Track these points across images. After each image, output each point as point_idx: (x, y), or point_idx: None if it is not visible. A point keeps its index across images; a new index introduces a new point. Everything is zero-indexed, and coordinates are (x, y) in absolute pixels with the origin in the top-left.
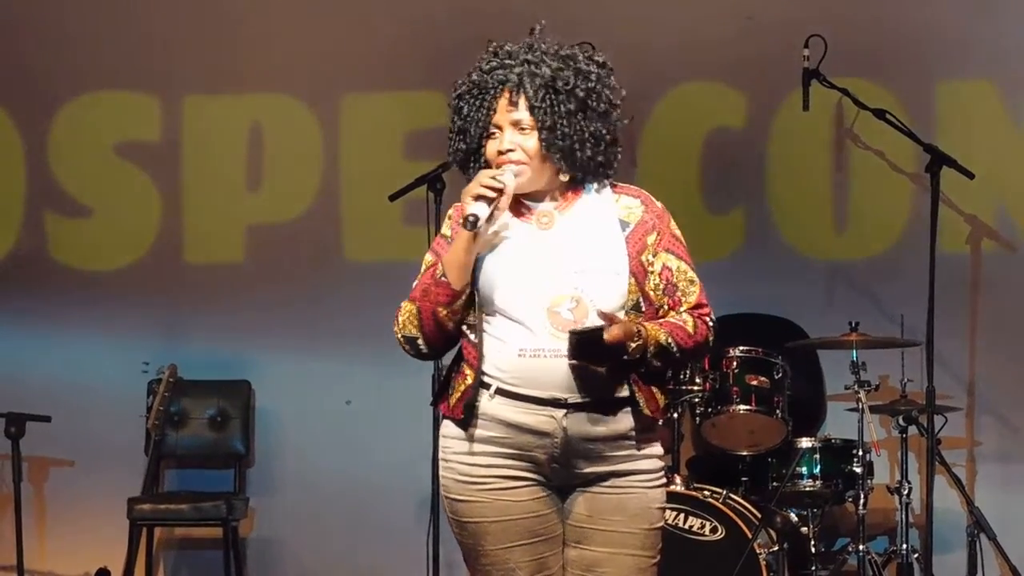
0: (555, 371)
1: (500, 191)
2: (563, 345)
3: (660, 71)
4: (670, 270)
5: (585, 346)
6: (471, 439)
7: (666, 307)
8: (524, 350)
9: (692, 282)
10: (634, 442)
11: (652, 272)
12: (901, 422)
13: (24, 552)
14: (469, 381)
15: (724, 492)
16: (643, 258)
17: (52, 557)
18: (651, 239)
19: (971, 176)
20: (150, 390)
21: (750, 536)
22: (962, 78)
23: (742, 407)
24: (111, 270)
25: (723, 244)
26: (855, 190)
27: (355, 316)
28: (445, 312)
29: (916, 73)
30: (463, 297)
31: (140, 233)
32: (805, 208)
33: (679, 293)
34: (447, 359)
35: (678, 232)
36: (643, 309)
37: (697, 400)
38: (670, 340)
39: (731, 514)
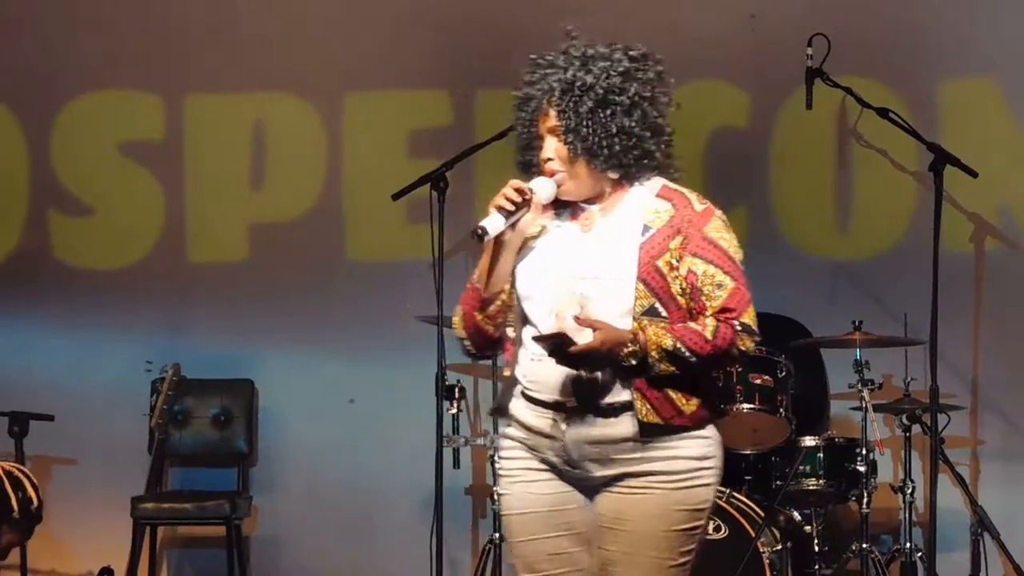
0: (556, 375)
1: (524, 202)
2: None
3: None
4: (695, 274)
5: (560, 352)
6: (507, 437)
7: (695, 311)
8: (535, 354)
9: (719, 286)
10: (642, 444)
11: (678, 276)
12: (905, 421)
13: (27, 551)
14: (510, 383)
15: (728, 491)
16: (659, 263)
17: (55, 556)
18: (675, 243)
19: (974, 175)
20: (153, 389)
21: (754, 535)
22: (965, 76)
23: (746, 406)
24: (114, 269)
25: None
26: (858, 189)
27: (358, 315)
28: (480, 317)
29: (919, 71)
30: (495, 303)
31: (143, 232)
32: (808, 207)
33: (704, 297)
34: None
35: (715, 235)
36: (663, 314)
37: None
38: (679, 345)
39: (735, 513)
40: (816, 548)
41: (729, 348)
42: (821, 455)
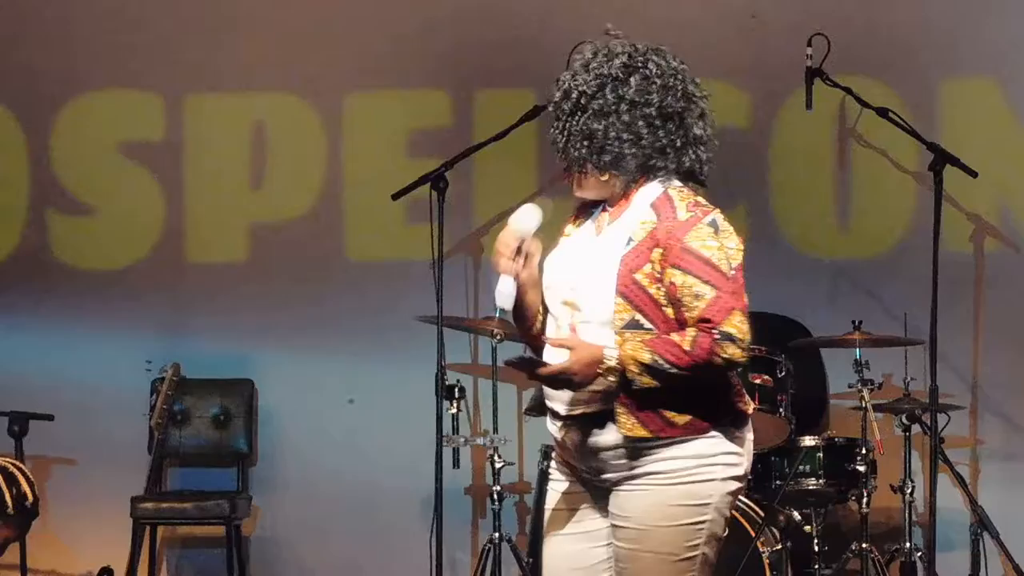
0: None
1: (517, 251)
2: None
3: None
4: (675, 286)
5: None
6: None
7: (680, 322)
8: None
9: (697, 297)
10: (627, 451)
11: (663, 287)
12: (904, 421)
13: (27, 551)
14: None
15: None
16: (639, 276)
17: (55, 556)
18: (656, 255)
19: (974, 175)
20: (153, 389)
21: (753, 535)
22: (965, 76)
23: None
24: (114, 269)
25: None
26: (858, 189)
27: (358, 315)
28: (527, 332)
29: (919, 71)
30: (536, 324)
31: (143, 232)
32: (808, 207)
33: (683, 309)
34: None
35: (696, 244)
36: (647, 326)
37: None
38: (657, 358)
39: (734, 512)
40: (816, 548)
41: (709, 358)
42: (821, 455)
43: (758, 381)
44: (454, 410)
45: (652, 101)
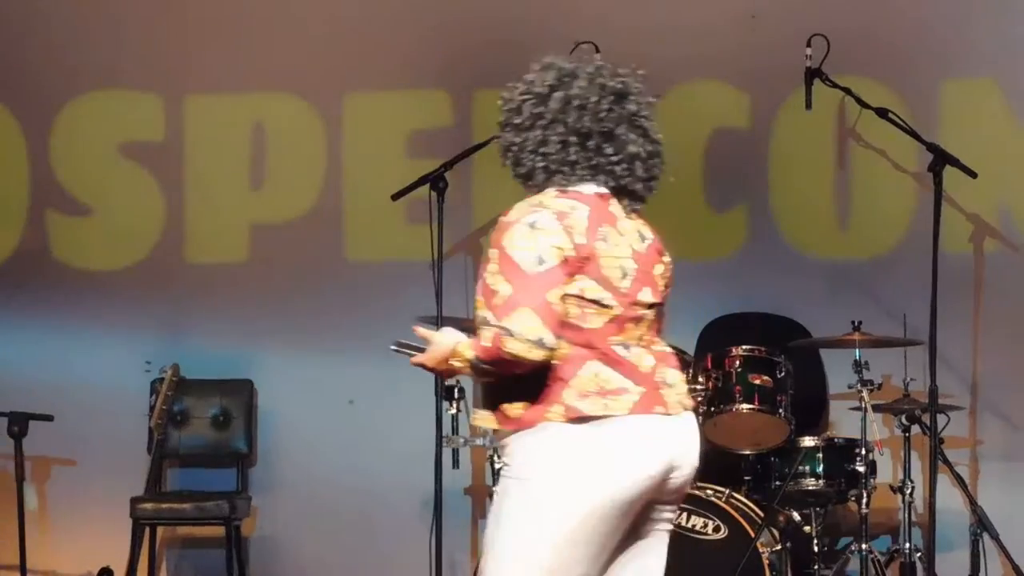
0: None
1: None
2: None
3: (663, 70)
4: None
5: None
6: None
7: None
8: None
9: (495, 294)
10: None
11: None
12: (904, 421)
13: (27, 552)
14: None
15: (727, 491)
16: (485, 275)
17: (55, 556)
18: (492, 254)
19: (974, 175)
20: (153, 389)
21: (753, 535)
22: (965, 77)
23: (745, 406)
24: (113, 269)
25: (726, 243)
26: (858, 189)
27: (358, 315)
28: None
29: (919, 72)
30: None
31: (142, 232)
32: (808, 207)
33: None
34: None
35: (506, 244)
36: (493, 323)
37: (700, 399)
38: (472, 353)
39: (734, 513)
40: (816, 548)
41: (499, 351)
42: (820, 455)
43: (758, 381)
44: (454, 410)
45: (567, 121)
